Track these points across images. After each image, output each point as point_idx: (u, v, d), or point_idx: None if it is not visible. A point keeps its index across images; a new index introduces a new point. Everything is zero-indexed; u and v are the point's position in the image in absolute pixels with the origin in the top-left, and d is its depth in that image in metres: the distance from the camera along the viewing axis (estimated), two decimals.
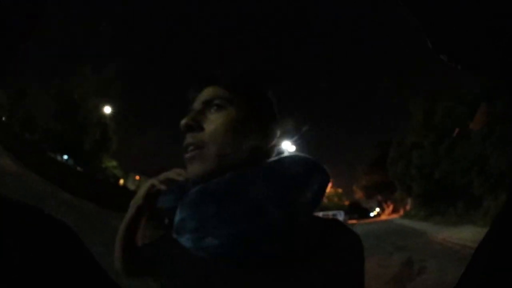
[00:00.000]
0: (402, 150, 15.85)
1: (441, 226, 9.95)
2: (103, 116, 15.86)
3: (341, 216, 13.95)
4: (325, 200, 17.68)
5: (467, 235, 6.60)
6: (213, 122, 0.52)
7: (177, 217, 0.45)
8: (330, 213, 14.41)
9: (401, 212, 15.59)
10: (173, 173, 0.57)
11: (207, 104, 0.54)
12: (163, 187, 0.56)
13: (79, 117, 14.88)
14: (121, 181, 18.82)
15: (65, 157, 15.18)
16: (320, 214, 10.84)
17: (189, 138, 0.51)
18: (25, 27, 0.47)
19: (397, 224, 13.77)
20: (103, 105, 15.88)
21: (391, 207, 18.01)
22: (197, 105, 0.55)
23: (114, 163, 18.63)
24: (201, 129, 0.51)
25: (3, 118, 14.11)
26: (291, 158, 0.49)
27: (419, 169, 13.24)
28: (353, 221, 15.51)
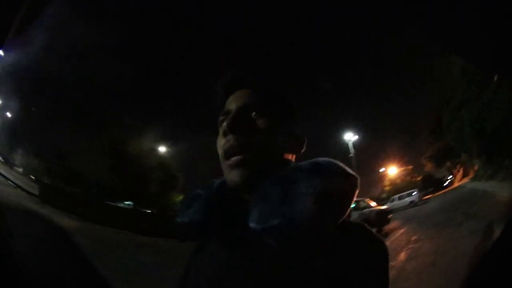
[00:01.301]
0: (452, 111, 14.65)
1: (506, 182, 8.98)
2: (162, 156, 15.59)
3: (415, 195, 13.18)
4: (398, 180, 16.68)
5: None
6: (258, 128, 0.53)
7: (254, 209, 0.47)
8: (405, 193, 13.65)
9: (471, 174, 14.34)
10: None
11: (247, 108, 0.55)
12: None
13: (137, 165, 14.76)
14: None
15: (127, 202, 15.02)
16: (396, 197, 10.44)
17: (233, 141, 0.52)
18: None
19: (467, 189, 12.64)
20: (158, 146, 16.37)
21: (461, 172, 16.59)
22: (234, 107, 0.56)
23: (182, 197, 18.56)
24: (247, 134, 0.52)
25: (46, 181, 13.92)
26: (319, 164, 0.48)
27: (471, 127, 12.16)
28: (428, 196, 14.64)
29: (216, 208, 0.55)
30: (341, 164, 0.48)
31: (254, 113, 0.54)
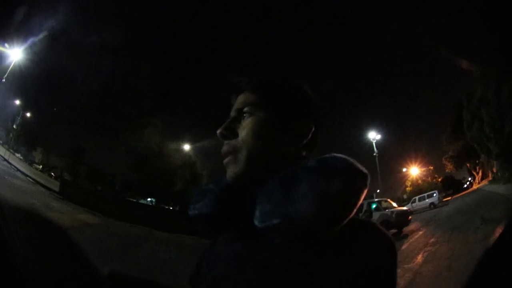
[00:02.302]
0: (472, 110, 14.22)
1: None
2: (187, 154, 16.33)
3: (436, 196, 12.95)
4: (419, 181, 16.31)
5: None
6: (244, 128, 0.56)
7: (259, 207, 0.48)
8: (425, 194, 13.41)
9: (490, 176, 13.91)
10: None
11: (239, 111, 0.58)
12: None
13: (161, 164, 15.25)
14: None
15: (149, 199, 15.62)
16: (417, 198, 10.22)
17: (224, 146, 0.57)
18: None
19: (485, 192, 12.26)
20: (183, 144, 16.30)
21: (480, 173, 16.11)
22: (232, 113, 0.60)
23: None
24: (235, 136, 0.56)
25: (66, 177, 14.59)
26: (327, 162, 0.47)
27: (490, 125, 11.76)
28: (448, 198, 14.20)
29: (225, 202, 0.57)
30: (350, 161, 0.47)
31: (245, 114, 0.57)
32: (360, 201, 0.46)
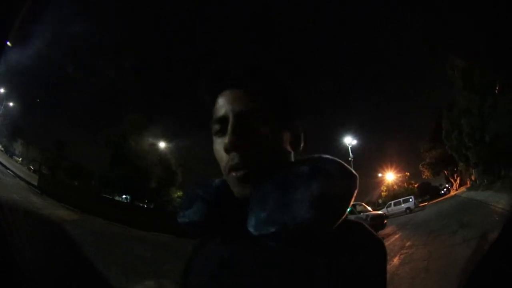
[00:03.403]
0: (452, 119, 14.72)
1: (502, 193, 9.05)
2: (162, 153, 16.16)
3: (412, 202, 13.26)
4: (395, 186, 16.69)
5: None
6: (262, 138, 0.50)
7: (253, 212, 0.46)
8: (401, 199, 13.72)
9: (468, 184, 14.46)
10: None
11: (246, 116, 0.50)
12: None
13: (138, 160, 15.02)
14: None
15: (124, 196, 15.41)
16: (392, 203, 10.40)
17: (238, 159, 0.49)
18: None
19: (463, 198, 12.73)
20: (158, 142, 16.17)
21: (458, 181, 16.71)
22: (231, 115, 0.51)
23: (180, 193, 17.84)
24: (251, 148, 0.49)
25: (44, 171, 14.19)
26: (319, 163, 0.46)
27: (470, 136, 12.21)
28: (424, 204, 14.67)
29: (216, 209, 0.54)
30: (341, 164, 0.46)
31: (253, 120, 0.50)
32: (352, 202, 0.45)
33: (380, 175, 17.58)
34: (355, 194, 0.46)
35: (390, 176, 17.65)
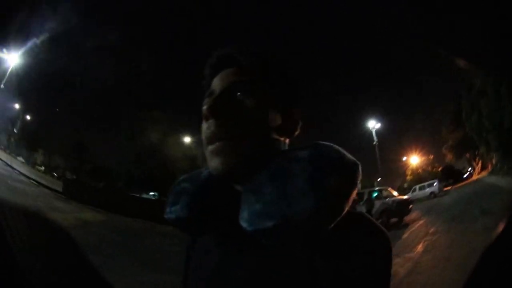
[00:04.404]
0: (472, 101, 14.19)
1: None
2: (187, 147, 16.08)
3: (436, 186, 12.98)
4: (419, 170, 16.34)
5: None
6: (244, 110, 0.47)
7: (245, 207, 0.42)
8: (426, 184, 13.44)
9: (489, 167, 14.03)
10: None
11: (231, 88, 0.48)
12: None
13: (163, 156, 15.17)
14: None
15: (152, 193, 15.52)
16: (417, 187, 10.26)
17: (214, 127, 0.46)
18: None
19: (485, 183, 12.35)
20: (183, 137, 16.18)
21: (479, 164, 16.23)
22: (218, 88, 0.50)
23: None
24: (230, 117, 0.46)
25: (68, 177, 14.43)
26: (320, 151, 0.42)
27: (489, 119, 11.75)
28: (448, 188, 14.36)
29: (205, 203, 0.50)
30: (341, 150, 0.43)
31: (239, 93, 0.48)
32: (355, 192, 0.42)
33: (404, 158, 17.18)
34: (357, 182, 0.42)
35: (414, 160, 17.23)
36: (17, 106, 13.22)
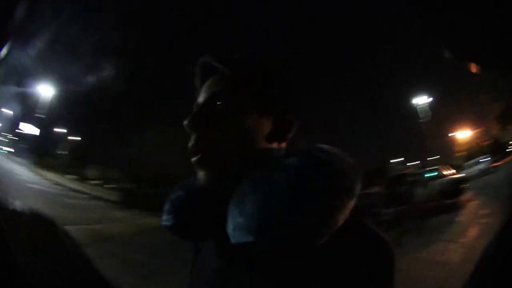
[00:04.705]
0: None
1: None
2: None
3: (486, 162, 12.49)
4: (469, 145, 15.72)
5: None
6: (223, 118, 0.46)
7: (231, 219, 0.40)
8: (476, 160, 12.95)
9: None
10: None
11: (212, 99, 0.48)
12: None
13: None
14: None
15: None
16: (467, 164, 9.83)
17: (194, 141, 0.47)
18: None
19: None
20: None
21: None
22: (201, 100, 0.50)
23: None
24: (209, 128, 0.46)
25: (124, 186, 13.69)
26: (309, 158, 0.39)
27: None
28: (497, 163, 13.66)
29: (198, 211, 0.50)
30: (338, 155, 0.39)
31: (220, 102, 0.47)
32: (354, 200, 0.38)
33: (452, 134, 16.49)
34: (358, 190, 0.38)
35: (463, 135, 16.52)
36: (62, 130, 12.62)
